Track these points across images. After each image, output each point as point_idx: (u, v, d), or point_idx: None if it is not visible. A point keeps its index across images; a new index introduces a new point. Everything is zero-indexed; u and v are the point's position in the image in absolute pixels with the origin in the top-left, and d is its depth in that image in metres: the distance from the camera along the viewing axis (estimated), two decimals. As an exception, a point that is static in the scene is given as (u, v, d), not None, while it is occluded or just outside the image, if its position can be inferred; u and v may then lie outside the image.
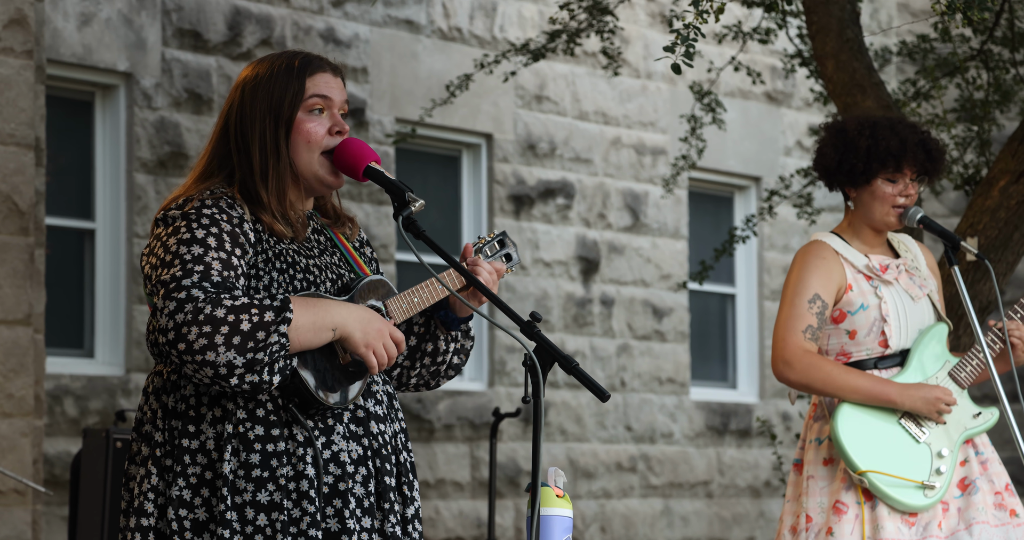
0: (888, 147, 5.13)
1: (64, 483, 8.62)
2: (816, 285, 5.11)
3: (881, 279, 5.18)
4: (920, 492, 5.03)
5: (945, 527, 5.06)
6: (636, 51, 11.64)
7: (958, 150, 8.20)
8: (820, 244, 5.21)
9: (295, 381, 3.50)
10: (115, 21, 9.13)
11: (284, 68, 3.63)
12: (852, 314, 5.13)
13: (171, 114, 9.36)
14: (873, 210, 5.17)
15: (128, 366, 9.17)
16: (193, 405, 3.53)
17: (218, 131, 3.66)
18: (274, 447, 3.50)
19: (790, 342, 5.07)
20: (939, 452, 5.11)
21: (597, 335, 11.42)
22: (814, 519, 5.05)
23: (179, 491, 3.48)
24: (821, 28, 7.24)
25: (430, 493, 10.43)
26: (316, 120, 3.63)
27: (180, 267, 3.45)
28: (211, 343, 3.37)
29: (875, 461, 5.03)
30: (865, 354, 5.14)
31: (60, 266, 9.05)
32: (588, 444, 11.34)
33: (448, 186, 10.92)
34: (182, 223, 3.51)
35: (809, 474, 5.10)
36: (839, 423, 5.05)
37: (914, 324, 5.17)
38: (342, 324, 3.51)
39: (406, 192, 3.60)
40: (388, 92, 10.35)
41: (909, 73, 12.27)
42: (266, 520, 3.47)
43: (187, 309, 3.38)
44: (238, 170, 3.62)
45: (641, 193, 11.74)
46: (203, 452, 3.50)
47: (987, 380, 5.27)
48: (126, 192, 9.21)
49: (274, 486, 3.48)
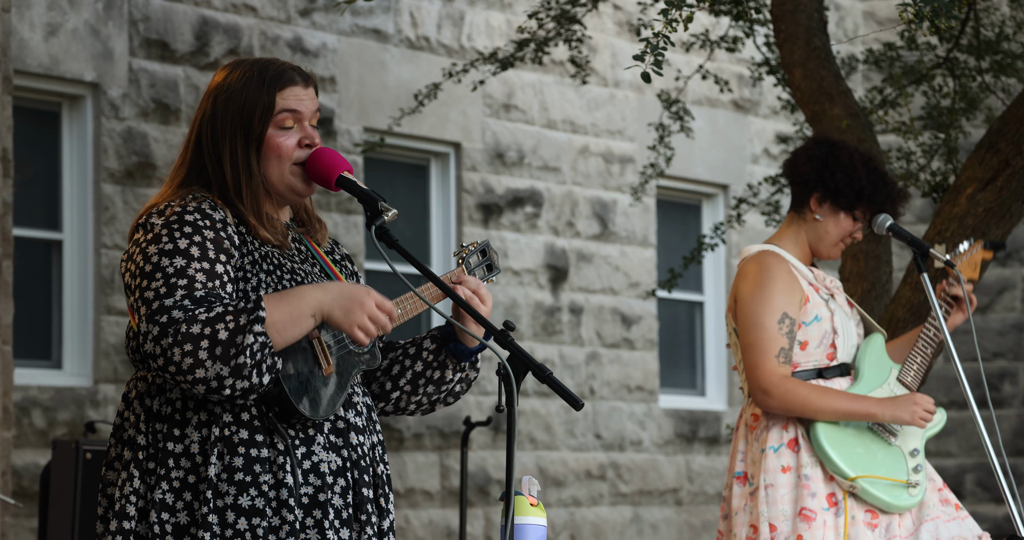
0: (899, 195, 5.23)
1: (33, 495, 8.59)
2: (782, 303, 5.09)
3: (828, 291, 5.22)
4: (906, 491, 5.10)
5: (904, 526, 5.12)
6: (604, 60, 11.66)
7: (925, 157, 8.23)
8: (773, 256, 5.17)
9: (277, 390, 3.50)
10: (82, 31, 9.11)
11: (255, 81, 3.61)
12: (807, 325, 5.14)
13: (139, 124, 9.34)
14: (827, 235, 5.21)
15: (96, 377, 9.14)
16: (179, 409, 3.52)
17: (192, 140, 3.64)
18: (257, 453, 3.49)
19: (765, 369, 5.04)
20: (911, 451, 5.17)
21: (566, 343, 11.43)
22: (779, 528, 5.03)
23: (162, 495, 3.47)
24: (788, 36, 7.26)
25: (400, 502, 10.42)
26: (285, 134, 3.62)
27: (163, 282, 3.44)
28: (196, 360, 3.38)
29: (862, 466, 5.07)
30: (812, 364, 5.16)
31: (28, 277, 9.01)
32: (558, 452, 11.34)
33: (417, 195, 10.91)
34: (163, 231, 3.50)
35: (767, 483, 5.07)
36: (820, 434, 5.07)
37: (851, 337, 5.21)
38: (319, 307, 3.50)
39: (379, 202, 3.60)
40: (356, 101, 10.34)
41: (876, 81, 12.31)
42: (247, 524, 3.46)
43: (170, 332, 3.39)
44: (214, 181, 3.61)
45: (609, 201, 11.76)
46: (187, 456, 3.49)
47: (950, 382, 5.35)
48: (94, 202, 9.18)
49: (256, 491, 3.48)
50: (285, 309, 3.46)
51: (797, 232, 5.23)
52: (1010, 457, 12.72)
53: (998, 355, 12.96)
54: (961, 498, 12.99)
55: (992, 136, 6.69)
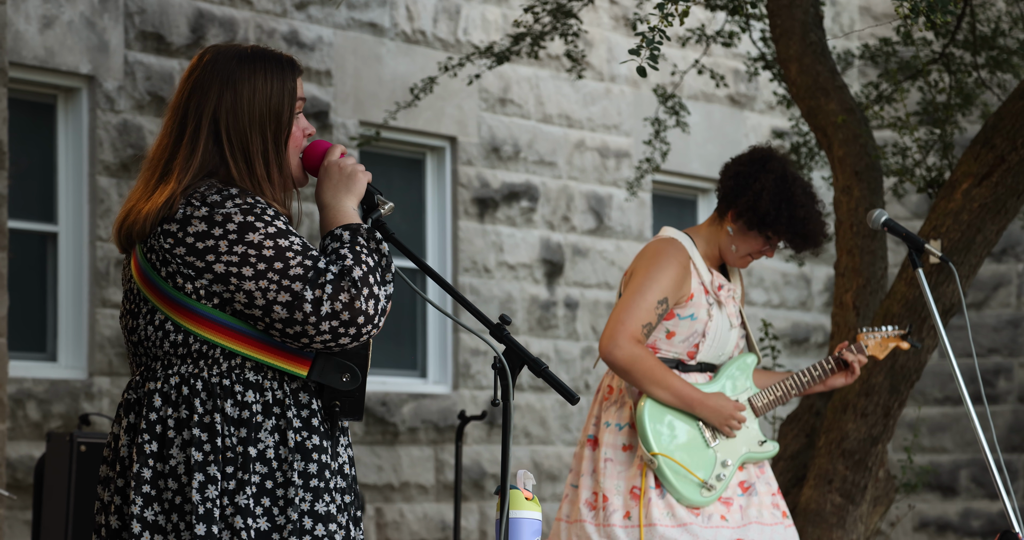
0: (809, 232, 5.37)
1: (27, 487, 8.59)
2: (668, 288, 5.29)
3: (716, 298, 5.41)
4: (699, 489, 5.28)
5: (731, 520, 5.32)
6: (600, 54, 11.66)
7: (921, 153, 8.24)
8: (678, 246, 5.39)
9: (356, 387, 3.51)
10: (77, 24, 9.10)
11: (275, 68, 3.54)
12: (680, 318, 5.35)
13: (134, 117, 9.33)
14: (737, 249, 5.41)
15: (91, 370, 9.13)
16: (254, 412, 3.44)
17: (205, 128, 3.51)
18: (327, 459, 3.47)
19: (628, 327, 5.24)
20: (723, 461, 5.36)
21: (561, 338, 11.43)
22: (611, 500, 5.28)
23: (246, 499, 3.40)
24: (784, 31, 7.26)
25: (395, 496, 10.42)
26: (297, 124, 3.60)
27: (298, 256, 3.42)
28: (375, 298, 3.41)
29: (669, 448, 5.27)
30: (673, 355, 5.37)
31: (23, 269, 9.01)
32: (552, 447, 11.35)
33: (412, 189, 10.91)
34: (250, 218, 3.43)
35: (607, 457, 5.32)
36: (646, 408, 5.27)
37: (721, 347, 5.42)
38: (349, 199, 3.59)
39: (375, 195, 3.59)
40: (352, 95, 10.34)
41: (871, 76, 12.31)
42: (324, 531, 3.44)
43: (344, 286, 3.39)
44: (236, 173, 3.50)
45: (605, 196, 11.76)
46: (263, 461, 3.43)
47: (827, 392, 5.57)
48: (89, 195, 9.18)
49: (329, 497, 3.45)
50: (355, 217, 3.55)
51: (712, 234, 5.45)
52: (1004, 453, 12.73)
53: (993, 351, 12.97)
54: (955, 494, 13.00)
55: (988, 132, 6.69)
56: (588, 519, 5.31)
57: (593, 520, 5.30)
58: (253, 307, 3.40)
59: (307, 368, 3.46)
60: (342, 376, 3.47)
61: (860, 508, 6.86)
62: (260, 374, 3.46)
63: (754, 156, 5.43)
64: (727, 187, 5.39)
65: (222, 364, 3.45)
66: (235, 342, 3.44)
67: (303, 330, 3.38)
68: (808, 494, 6.86)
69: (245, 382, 3.44)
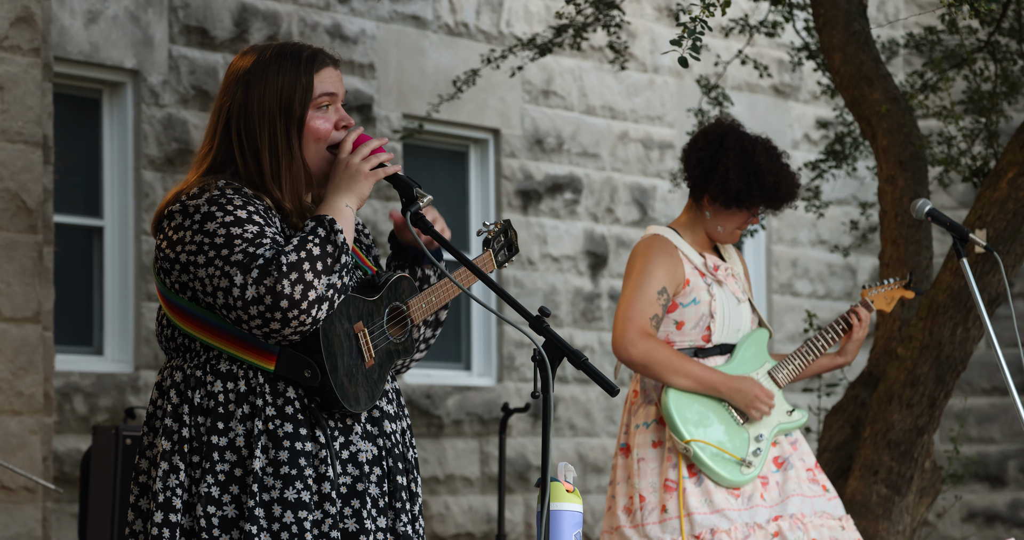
0: (783, 195, 5.41)
1: (74, 480, 8.63)
2: (663, 278, 5.35)
3: (714, 278, 5.44)
4: (739, 468, 5.31)
5: (768, 498, 5.34)
6: (643, 45, 11.63)
7: (966, 142, 8.19)
8: (662, 239, 5.43)
9: (323, 382, 3.50)
10: (122, 18, 9.13)
11: (290, 63, 3.59)
12: (684, 306, 5.39)
13: (178, 111, 9.37)
14: (722, 228, 5.44)
15: (137, 363, 9.18)
16: (222, 402, 3.50)
17: (218, 128, 3.61)
18: (301, 446, 3.49)
19: (636, 322, 5.29)
20: (756, 436, 5.38)
21: (606, 330, 11.42)
22: (647, 498, 5.32)
23: (207, 488, 3.46)
24: (828, 21, 7.23)
25: (440, 489, 10.43)
26: (323, 116, 3.61)
27: (244, 244, 3.43)
28: (306, 284, 3.40)
29: (700, 433, 5.29)
30: (688, 344, 5.41)
31: (68, 264, 9.05)
32: (597, 439, 11.34)
33: (455, 181, 10.91)
34: (213, 208, 3.48)
35: (640, 457, 5.36)
36: (670, 397, 5.30)
37: (734, 324, 5.46)
38: (349, 199, 3.55)
39: (414, 188, 3.60)
40: (395, 88, 10.35)
41: (916, 65, 12.25)
42: (293, 517, 3.46)
43: (271, 270, 3.40)
44: (243, 169, 3.58)
45: (649, 187, 11.73)
46: (232, 449, 3.48)
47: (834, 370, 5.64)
48: (134, 189, 9.22)
49: (301, 484, 3.47)
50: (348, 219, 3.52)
51: (695, 221, 5.48)
52: (1053, 443, 12.65)
53: (1040, 341, 12.89)
54: (1004, 484, 12.93)
55: (1033, 120, 6.64)
56: (625, 524, 5.36)
57: (630, 523, 5.35)
58: (206, 295, 3.47)
59: (273, 362, 3.49)
60: (303, 371, 3.48)
61: (906, 499, 6.83)
62: (234, 363, 3.51)
63: (709, 137, 5.46)
64: (694, 176, 5.43)
65: (200, 356, 3.53)
66: (208, 336, 3.50)
67: (238, 316, 3.44)
68: (854, 485, 6.83)
69: (216, 372, 3.50)
